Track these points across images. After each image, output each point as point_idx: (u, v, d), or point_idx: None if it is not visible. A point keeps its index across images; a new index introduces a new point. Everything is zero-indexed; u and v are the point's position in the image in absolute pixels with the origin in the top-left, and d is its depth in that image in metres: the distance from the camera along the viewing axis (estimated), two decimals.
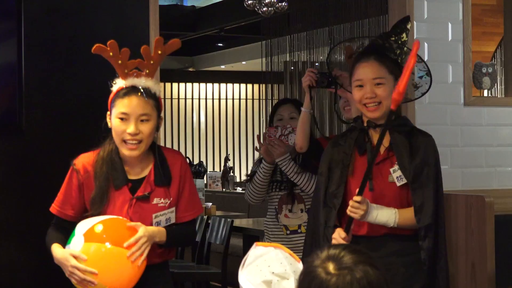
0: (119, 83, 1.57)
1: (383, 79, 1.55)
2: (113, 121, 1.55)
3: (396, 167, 1.54)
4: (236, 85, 10.35)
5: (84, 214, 1.57)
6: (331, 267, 0.65)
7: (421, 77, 1.75)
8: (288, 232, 2.28)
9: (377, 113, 1.55)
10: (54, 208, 1.59)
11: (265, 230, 2.43)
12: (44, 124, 2.11)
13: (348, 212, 1.47)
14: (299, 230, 2.25)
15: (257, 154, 3.17)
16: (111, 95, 1.58)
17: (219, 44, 9.10)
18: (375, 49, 1.66)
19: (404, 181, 1.53)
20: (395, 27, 1.76)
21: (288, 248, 1.00)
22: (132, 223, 1.48)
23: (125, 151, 1.55)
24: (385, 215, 1.50)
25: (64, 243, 1.50)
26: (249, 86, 10.36)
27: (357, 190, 1.44)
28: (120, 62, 1.56)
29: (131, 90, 1.54)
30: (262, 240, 2.64)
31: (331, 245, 1.16)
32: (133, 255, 1.44)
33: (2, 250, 2.01)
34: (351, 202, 1.46)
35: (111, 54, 1.54)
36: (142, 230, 1.46)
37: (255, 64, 8.09)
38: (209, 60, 10.07)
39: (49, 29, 2.13)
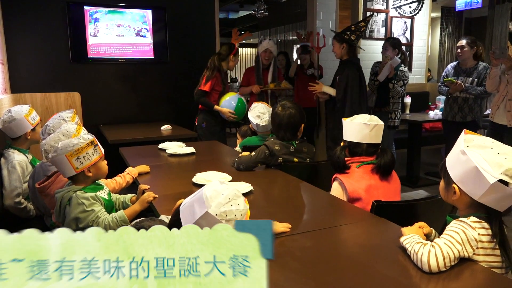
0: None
1: (335, 45, 3.58)
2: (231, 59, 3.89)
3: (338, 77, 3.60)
4: None
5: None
6: (280, 107, 2.32)
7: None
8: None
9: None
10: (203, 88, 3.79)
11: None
12: (181, 58, 4.41)
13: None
14: None
15: None
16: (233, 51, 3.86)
17: None
18: (336, 34, 3.66)
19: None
20: (358, 21, 3.75)
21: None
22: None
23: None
24: (329, 90, 3.72)
25: None
26: None
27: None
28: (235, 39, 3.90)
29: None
30: None
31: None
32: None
33: None
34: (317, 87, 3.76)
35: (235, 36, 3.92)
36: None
37: None
38: None
39: None
